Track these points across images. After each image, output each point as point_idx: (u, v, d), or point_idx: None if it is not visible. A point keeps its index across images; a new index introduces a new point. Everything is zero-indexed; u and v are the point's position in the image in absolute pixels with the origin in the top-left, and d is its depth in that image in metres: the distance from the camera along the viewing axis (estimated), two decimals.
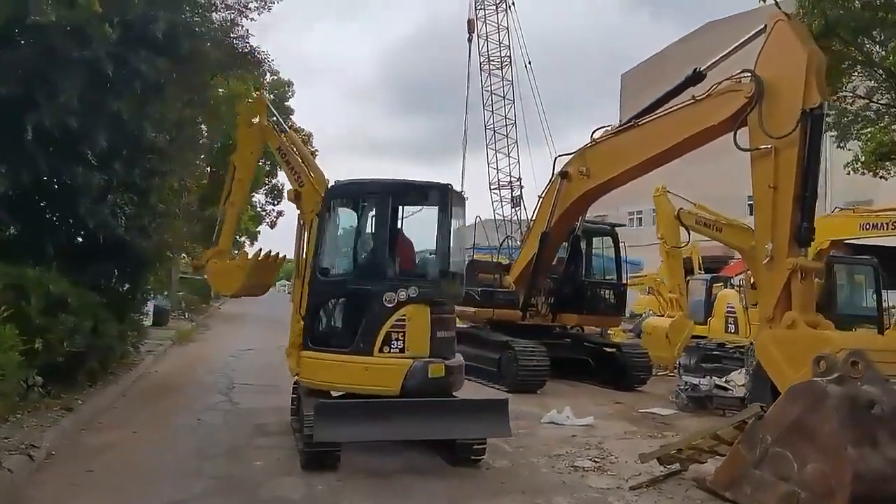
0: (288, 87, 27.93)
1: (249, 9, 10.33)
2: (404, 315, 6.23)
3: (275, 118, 8.77)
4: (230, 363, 13.80)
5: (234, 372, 12.57)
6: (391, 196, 6.75)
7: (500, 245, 15.38)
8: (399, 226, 6.91)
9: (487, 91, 28.54)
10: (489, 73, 28.39)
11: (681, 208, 14.21)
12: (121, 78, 8.50)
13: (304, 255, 7.11)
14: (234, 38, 10.64)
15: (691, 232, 14.25)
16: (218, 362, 13.93)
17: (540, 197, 13.09)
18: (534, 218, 13.17)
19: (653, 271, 21.45)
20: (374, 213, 6.87)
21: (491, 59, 28.34)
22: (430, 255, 6.70)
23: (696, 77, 9.63)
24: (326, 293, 6.77)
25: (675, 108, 9.95)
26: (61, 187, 8.58)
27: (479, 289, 13.05)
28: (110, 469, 6.20)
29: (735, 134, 8.71)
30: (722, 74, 9.11)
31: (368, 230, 6.90)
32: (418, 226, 7.26)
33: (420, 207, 6.88)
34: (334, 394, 6.80)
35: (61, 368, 8.39)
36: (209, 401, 9.71)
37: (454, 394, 6.84)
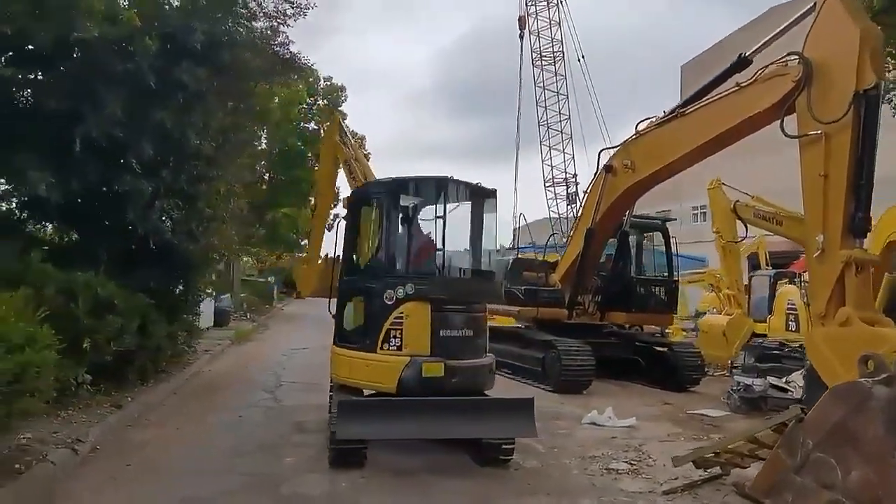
0: (341, 91, 28.53)
1: (287, 15, 10.54)
2: (402, 312, 6.23)
3: (344, 135, 8.87)
4: (282, 362, 14.15)
5: (283, 370, 12.89)
6: (390, 194, 6.78)
7: (546, 243, 15.10)
8: (412, 223, 6.89)
9: (540, 87, 28.34)
10: (542, 69, 28.16)
11: (737, 201, 13.62)
12: (163, 88, 8.84)
13: None
14: (275, 45, 10.88)
15: (750, 226, 13.67)
16: (270, 361, 14.31)
17: (585, 192, 12.82)
18: (579, 214, 12.89)
19: (715, 268, 20.68)
20: (379, 212, 6.95)
21: (543, 54, 28.09)
22: (439, 251, 6.63)
23: (742, 63, 9.19)
24: (345, 292, 6.90)
25: (719, 95, 9.53)
26: (112, 195, 8.99)
27: (523, 287, 12.89)
28: (147, 464, 6.45)
29: (782, 121, 8.27)
30: (771, 60, 8.66)
31: (375, 230, 6.97)
32: (456, 224, 7.18)
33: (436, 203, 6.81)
34: (366, 392, 6.86)
35: (112, 367, 8.81)
36: (254, 398, 9.98)
37: (486, 393, 6.77)
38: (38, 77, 8.28)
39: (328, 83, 28.41)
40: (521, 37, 28.83)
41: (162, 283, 9.98)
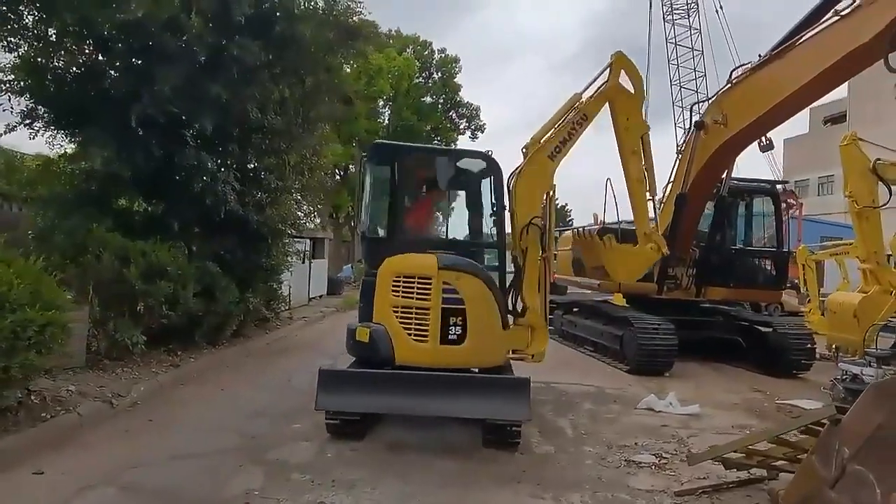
0: (454, 63, 28.14)
1: None
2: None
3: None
4: None
5: None
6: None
7: None
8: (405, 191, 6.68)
9: (672, 43, 25.95)
10: (673, 24, 25.77)
11: (878, 159, 11.46)
12: (216, 64, 9.17)
13: None
14: (337, 15, 10.86)
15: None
16: None
17: (677, 154, 11.50)
18: (671, 178, 11.61)
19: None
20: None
21: (674, 7, 25.64)
22: None
23: None
24: None
25: (816, 30, 8.01)
26: (179, 168, 9.55)
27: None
28: (166, 420, 6.82)
29: (887, 57, 6.77)
30: None
31: None
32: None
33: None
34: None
35: (181, 330, 9.49)
36: (314, 364, 10.19)
37: (476, 370, 6.31)
38: (99, 58, 8.93)
39: (442, 55, 28.26)
40: None
41: (232, 252, 10.47)
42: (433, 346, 6.17)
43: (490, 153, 7.05)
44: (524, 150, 7.62)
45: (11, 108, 9.06)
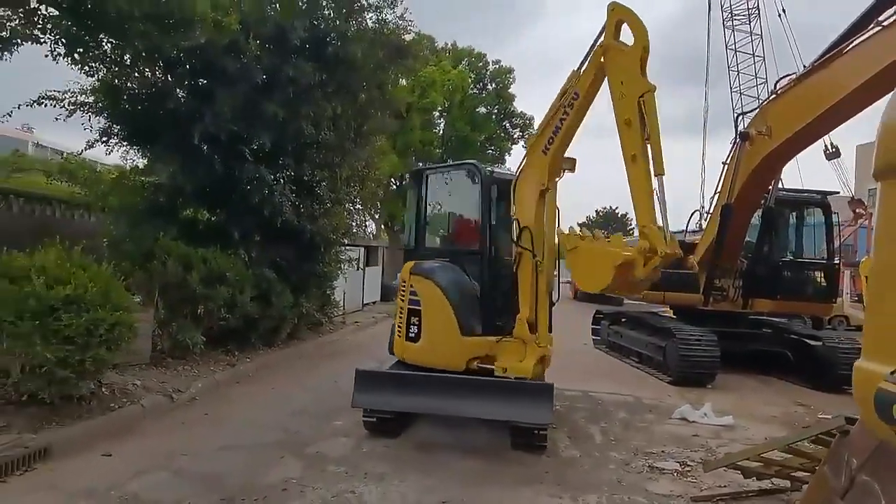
0: (508, 73, 28.44)
1: (393, 4, 10.99)
2: None
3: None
4: None
5: None
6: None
7: (689, 220, 13.73)
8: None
9: (731, 49, 25.44)
10: (733, 30, 25.26)
11: None
12: (273, 84, 9.83)
13: None
14: (388, 34, 11.40)
15: None
16: None
17: (724, 164, 11.43)
18: (717, 189, 11.54)
19: None
20: None
21: (735, 13, 25.14)
22: None
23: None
24: None
25: (859, 39, 7.96)
26: (240, 182, 10.26)
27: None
28: (219, 415, 7.42)
29: None
30: None
31: None
32: None
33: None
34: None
35: (239, 332, 10.16)
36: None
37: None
38: (167, 80, 9.73)
39: (496, 66, 28.62)
40: None
41: (287, 259, 11.12)
42: (401, 342, 7.02)
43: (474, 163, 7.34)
44: (525, 145, 7.79)
45: (91, 126, 10.03)
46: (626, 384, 10.40)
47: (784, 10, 24.18)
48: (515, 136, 29.03)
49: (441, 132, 28.15)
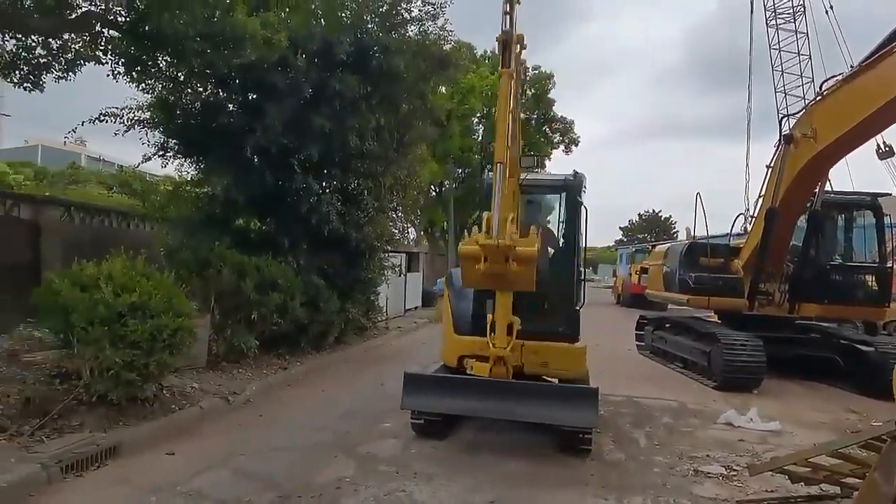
0: (548, 79, 28.42)
1: (435, 16, 11.25)
2: None
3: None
4: None
5: None
6: None
7: (733, 224, 13.54)
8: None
9: (776, 49, 24.92)
10: (776, 29, 24.74)
11: None
12: (320, 97, 10.18)
13: None
14: (429, 45, 11.65)
15: None
16: None
17: (768, 167, 11.30)
18: (761, 193, 11.42)
19: None
20: None
21: (778, 11, 24.63)
22: None
23: None
24: None
25: None
26: (289, 192, 10.63)
27: (694, 274, 11.88)
28: (273, 416, 7.73)
29: None
30: None
31: None
32: None
33: None
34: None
35: (289, 337, 10.52)
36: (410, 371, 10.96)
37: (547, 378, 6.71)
38: (219, 95, 10.17)
39: (535, 72, 28.66)
40: None
41: (334, 266, 11.45)
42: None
43: None
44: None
45: (148, 140, 10.55)
46: (670, 389, 10.37)
47: (832, 6, 23.60)
48: (556, 140, 29.06)
49: (480, 138, 28.34)
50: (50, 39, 8.90)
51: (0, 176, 25.73)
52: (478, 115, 26.42)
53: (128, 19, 8.64)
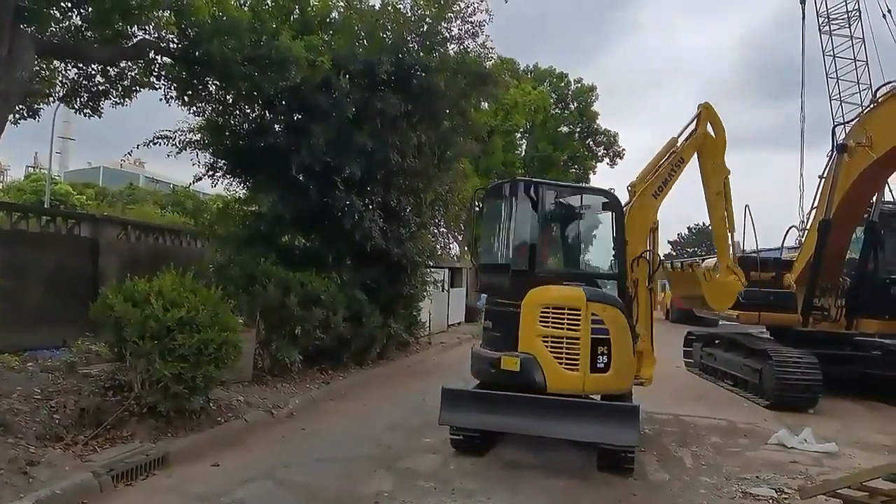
0: (591, 92, 28.24)
1: (475, 34, 11.38)
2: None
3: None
4: None
5: None
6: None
7: (784, 236, 13.07)
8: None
9: (829, 56, 24.21)
10: (830, 35, 24.03)
11: None
12: (362, 117, 10.39)
13: None
14: (469, 63, 11.76)
15: None
16: None
17: (820, 178, 10.94)
18: (814, 204, 11.05)
19: None
20: None
21: (832, 17, 23.93)
22: None
23: None
24: None
25: None
26: (333, 209, 10.84)
27: (745, 289, 11.52)
28: (316, 429, 7.84)
29: None
30: None
31: None
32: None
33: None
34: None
35: (332, 351, 10.67)
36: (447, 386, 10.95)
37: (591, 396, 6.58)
38: (266, 117, 10.49)
39: (578, 85, 28.52)
40: (803, 1, 24.99)
41: (376, 281, 11.59)
42: (583, 375, 6.37)
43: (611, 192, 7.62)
44: (630, 187, 7.93)
45: (198, 161, 10.96)
46: (719, 408, 10.07)
47: (889, 11, 22.82)
48: (599, 153, 28.82)
49: (523, 153, 28.34)
50: (108, 67, 9.39)
51: (64, 196, 27.30)
52: (520, 129, 26.45)
53: (179, 46, 9.04)
